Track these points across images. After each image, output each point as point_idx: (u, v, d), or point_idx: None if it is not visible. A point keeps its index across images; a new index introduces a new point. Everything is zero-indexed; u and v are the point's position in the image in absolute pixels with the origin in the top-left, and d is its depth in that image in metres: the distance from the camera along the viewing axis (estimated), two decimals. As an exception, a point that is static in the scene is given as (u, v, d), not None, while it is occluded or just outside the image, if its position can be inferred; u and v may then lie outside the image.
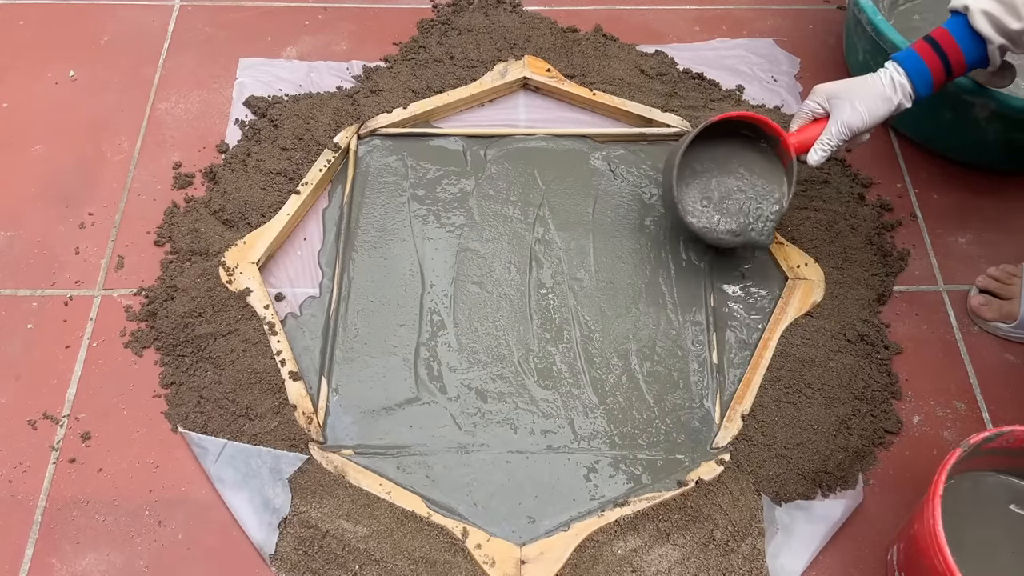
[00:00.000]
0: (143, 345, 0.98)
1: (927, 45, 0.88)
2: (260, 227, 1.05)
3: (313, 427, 0.91)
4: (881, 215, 1.10)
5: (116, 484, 0.89)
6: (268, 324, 0.97)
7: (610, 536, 0.85)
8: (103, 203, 1.10)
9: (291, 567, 0.83)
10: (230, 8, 1.33)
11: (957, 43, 0.87)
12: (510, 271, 1.04)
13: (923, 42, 0.89)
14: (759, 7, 1.36)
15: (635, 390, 0.95)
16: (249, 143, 1.14)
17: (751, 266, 1.05)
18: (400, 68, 1.23)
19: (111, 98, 1.21)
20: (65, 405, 0.94)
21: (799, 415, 0.92)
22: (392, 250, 1.05)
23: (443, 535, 0.85)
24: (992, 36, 0.85)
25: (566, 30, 1.28)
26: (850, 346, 0.98)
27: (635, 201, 1.10)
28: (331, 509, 0.86)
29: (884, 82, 0.90)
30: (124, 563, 0.84)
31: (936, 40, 0.88)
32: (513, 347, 0.98)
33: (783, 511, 0.87)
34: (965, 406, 0.96)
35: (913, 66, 0.89)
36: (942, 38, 0.88)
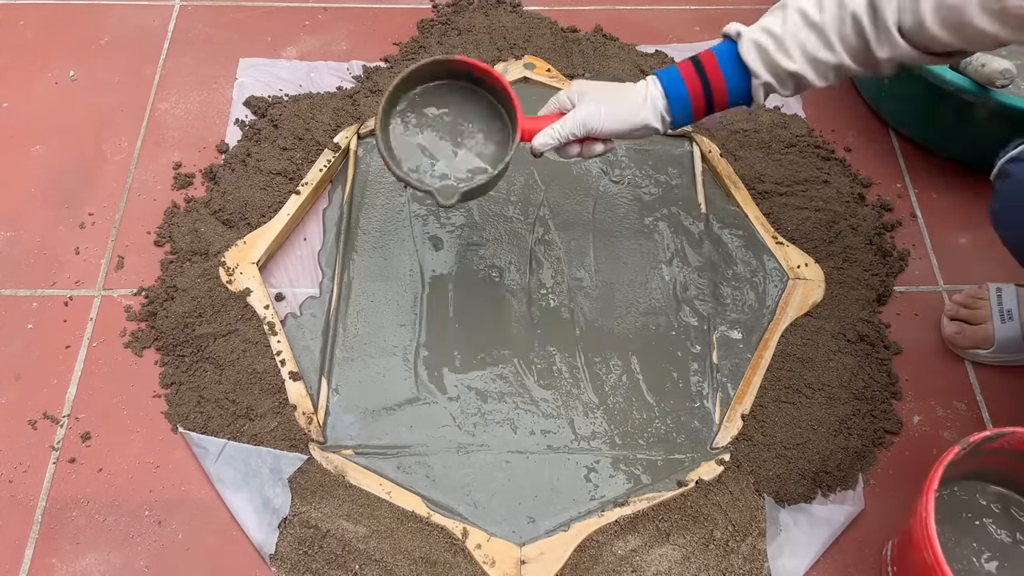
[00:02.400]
0: (143, 345, 0.98)
1: (692, 67, 0.78)
2: (260, 227, 1.05)
3: (313, 427, 0.91)
4: (881, 215, 1.10)
5: (116, 484, 0.89)
6: (268, 324, 0.97)
7: (610, 536, 0.85)
8: (103, 203, 1.10)
9: (291, 567, 0.83)
10: (230, 8, 1.33)
11: (721, 71, 0.77)
12: (510, 271, 1.04)
13: (687, 64, 0.79)
14: (759, 7, 1.35)
15: (635, 390, 0.95)
16: (249, 143, 1.14)
17: (752, 266, 1.05)
18: (400, 68, 1.23)
19: (111, 98, 1.21)
20: (65, 405, 0.94)
21: (799, 415, 0.92)
22: (392, 250, 1.05)
23: (443, 535, 0.85)
24: (759, 71, 0.75)
25: (566, 30, 1.28)
26: (850, 346, 0.98)
27: (635, 201, 1.10)
28: (331, 509, 0.85)
29: (639, 96, 0.79)
30: (124, 563, 0.84)
31: (701, 63, 0.78)
32: (513, 347, 0.98)
33: (785, 513, 0.87)
34: (965, 406, 0.96)
35: (672, 87, 0.79)
36: (708, 63, 0.77)
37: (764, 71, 0.76)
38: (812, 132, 1.18)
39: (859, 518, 0.88)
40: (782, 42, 0.75)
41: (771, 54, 0.75)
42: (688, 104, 0.79)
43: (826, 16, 0.73)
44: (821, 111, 1.22)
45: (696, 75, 0.78)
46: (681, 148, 1.15)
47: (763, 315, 1.01)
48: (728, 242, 1.07)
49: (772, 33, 0.75)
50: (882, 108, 1.20)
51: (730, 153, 1.14)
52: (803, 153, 1.15)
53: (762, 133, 1.15)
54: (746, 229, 1.08)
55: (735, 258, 1.05)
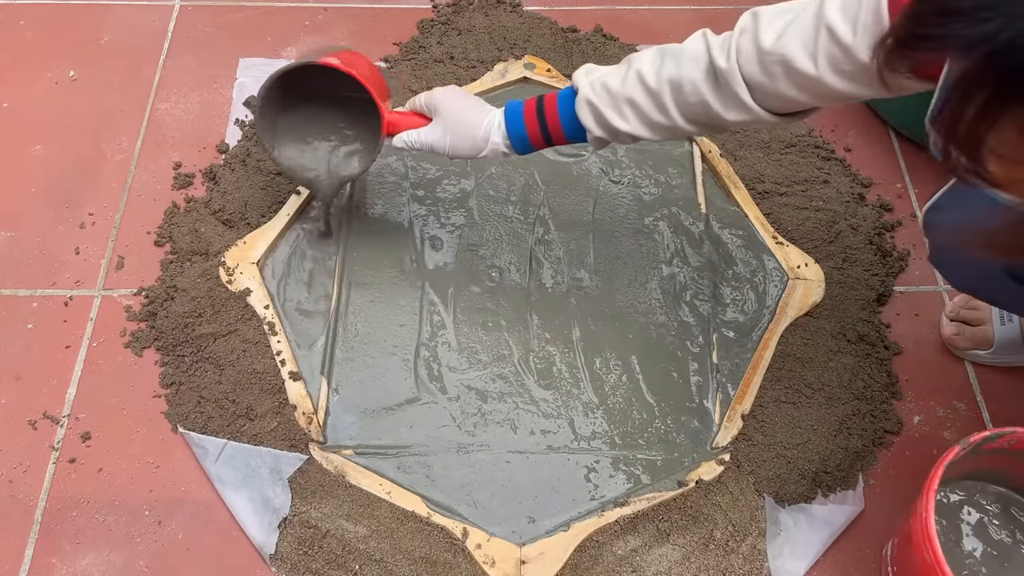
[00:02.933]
0: (143, 345, 0.98)
1: (534, 109, 0.82)
2: (260, 227, 1.05)
3: (313, 427, 0.91)
4: (881, 215, 1.10)
5: (116, 484, 0.89)
6: (268, 324, 0.97)
7: (610, 536, 0.85)
8: (103, 203, 1.10)
9: (291, 567, 0.83)
10: (230, 8, 1.33)
11: (559, 118, 0.80)
12: (510, 271, 1.04)
13: (533, 104, 0.82)
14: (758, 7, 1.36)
15: (635, 390, 0.95)
16: (249, 143, 1.14)
17: (751, 266, 1.05)
18: (400, 68, 1.23)
19: (111, 98, 1.21)
20: (65, 405, 0.94)
21: (799, 415, 0.92)
22: (392, 250, 1.05)
23: (443, 535, 0.85)
24: (591, 127, 0.78)
25: (566, 30, 1.28)
26: (850, 346, 0.98)
27: (635, 201, 1.10)
28: (331, 509, 0.85)
29: (483, 130, 0.84)
30: (124, 563, 0.84)
31: (544, 107, 0.81)
32: (513, 347, 0.98)
33: (786, 513, 0.87)
34: (965, 406, 0.96)
35: (514, 126, 0.83)
36: (549, 107, 0.81)
37: (596, 127, 0.78)
38: (812, 132, 1.18)
39: (859, 518, 0.88)
40: (616, 101, 0.76)
41: (603, 113, 0.77)
42: (527, 142, 0.84)
43: (662, 85, 0.73)
44: (821, 111, 1.21)
45: (536, 118, 0.82)
46: (681, 148, 1.15)
47: (763, 315, 1.01)
48: (728, 242, 1.07)
49: (609, 90, 0.76)
50: (882, 108, 1.20)
51: (730, 153, 1.14)
52: (803, 153, 1.15)
53: (762, 133, 1.15)
54: (746, 229, 1.08)
55: (735, 258, 1.05)
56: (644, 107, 0.75)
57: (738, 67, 0.69)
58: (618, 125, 0.76)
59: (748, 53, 0.68)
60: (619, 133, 0.77)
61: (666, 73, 0.73)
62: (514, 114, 0.83)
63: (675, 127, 0.76)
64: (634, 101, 0.75)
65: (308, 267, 1.03)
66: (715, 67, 0.70)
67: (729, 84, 0.70)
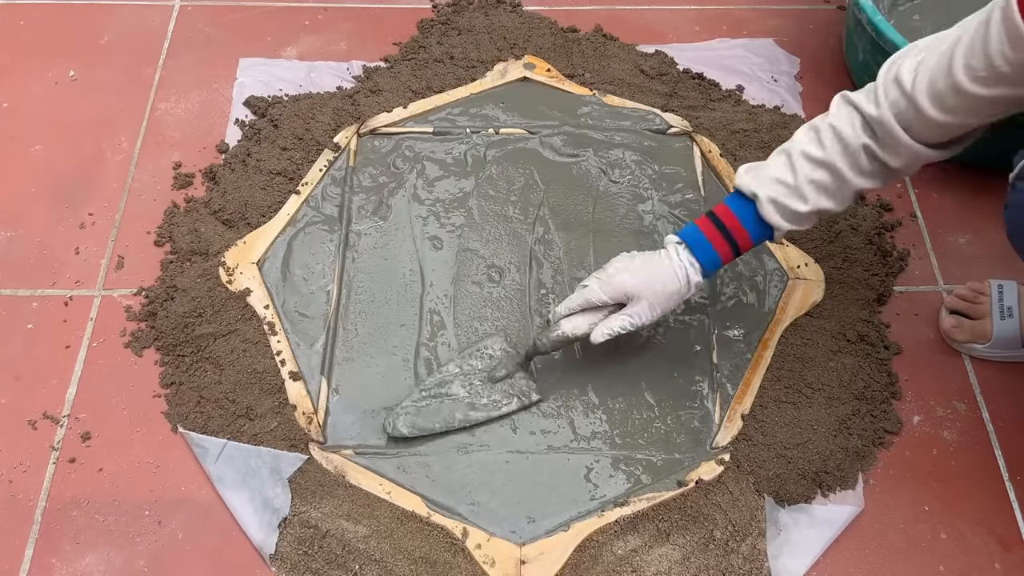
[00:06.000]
0: (143, 345, 0.97)
1: (718, 234, 0.83)
2: (260, 227, 1.05)
3: (313, 427, 0.91)
4: (881, 215, 1.10)
5: (116, 484, 0.89)
6: (268, 324, 0.97)
7: (610, 536, 0.85)
8: (103, 203, 1.10)
9: (291, 567, 0.83)
10: (230, 8, 1.33)
11: (746, 230, 0.82)
12: (510, 271, 1.03)
13: (714, 230, 0.83)
14: (759, 7, 1.36)
15: (635, 390, 0.95)
16: (249, 143, 1.14)
17: (751, 266, 1.05)
18: (400, 68, 1.23)
19: (111, 98, 1.21)
20: (65, 405, 0.94)
21: (799, 415, 0.92)
22: (392, 250, 1.05)
23: (443, 535, 0.85)
24: (780, 224, 0.80)
25: (566, 30, 1.28)
26: (850, 346, 0.98)
27: (635, 201, 1.10)
28: (331, 509, 0.85)
29: (680, 279, 0.83)
30: (124, 563, 0.84)
31: (727, 227, 0.82)
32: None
33: (786, 513, 0.87)
34: (965, 406, 0.96)
35: (705, 256, 0.83)
36: (732, 225, 0.82)
37: (784, 223, 0.80)
38: None
39: (859, 518, 0.88)
40: (796, 189, 0.79)
41: (787, 205, 0.79)
42: (719, 263, 0.84)
43: (829, 151, 0.76)
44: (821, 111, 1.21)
45: (722, 237, 0.83)
46: (681, 148, 1.15)
47: (763, 315, 1.01)
48: (728, 242, 1.07)
49: (784, 183, 0.79)
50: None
51: (730, 153, 1.14)
52: (803, 153, 1.15)
53: (762, 133, 1.15)
54: (746, 229, 1.08)
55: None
56: (823, 182, 0.78)
57: (890, 112, 0.72)
58: (800, 209, 0.79)
59: (894, 94, 0.72)
60: (802, 216, 0.80)
61: (827, 140, 0.76)
62: (700, 245, 0.83)
63: (854, 189, 0.78)
64: (812, 180, 0.78)
65: (308, 267, 1.03)
66: (867, 117, 0.74)
67: (887, 131, 0.73)
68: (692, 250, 0.84)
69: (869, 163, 0.76)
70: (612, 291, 0.85)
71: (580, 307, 0.87)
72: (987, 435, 0.94)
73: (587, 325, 0.86)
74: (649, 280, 0.84)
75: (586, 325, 0.86)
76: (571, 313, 0.87)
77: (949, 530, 0.88)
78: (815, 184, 0.78)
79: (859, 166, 0.76)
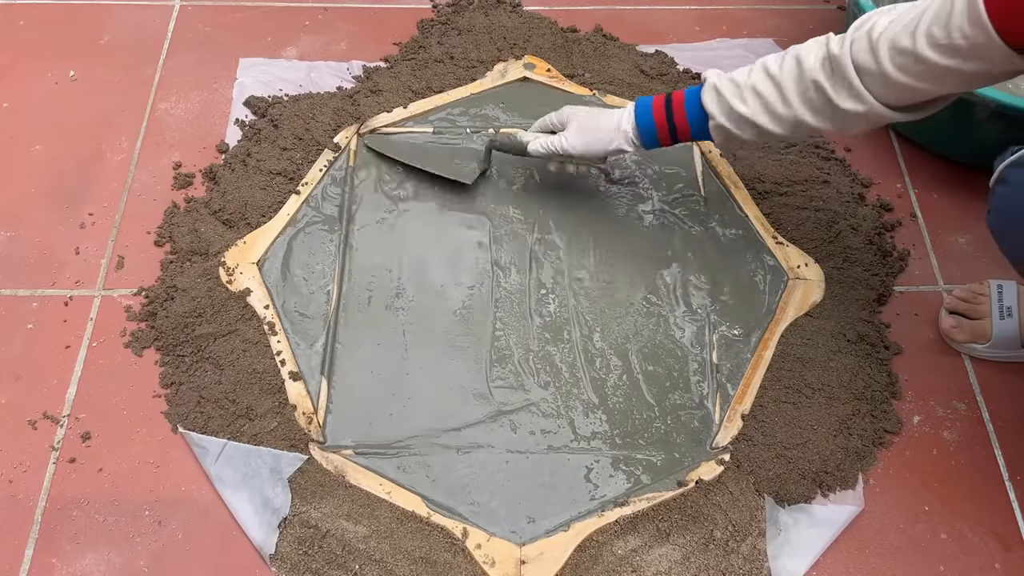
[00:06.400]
0: (143, 345, 0.97)
1: (662, 103, 0.90)
2: (260, 227, 1.05)
3: (313, 427, 0.91)
4: (881, 215, 1.10)
5: (116, 484, 0.89)
6: (268, 324, 0.97)
7: (610, 536, 0.85)
8: (103, 203, 1.10)
9: (291, 567, 0.83)
10: (230, 8, 1.33)
11: (686, 110, 0.88)
12: (510, 271, 1.04)
13: (662, 97, 0.90)
14: (759, 7, 1.37)
15: (635, 390, 0.95)
16: (249, 143, 1.14)
17: (751, 266, 1.05)
18: (400, 68, 1.23)
19: (111, 98, 1.21)
20: (65, 405, 0.94)
21: (799, 415, 0.92)
22: (392, 250, 1.05)
23: (443, 535, 0.85)
24: (715, 113, 0.84)
25: (566, 30, 1.28)
26: (850, 346, 0.98)
27: (635, 201, 1.10)
28: (331, 509, 0.86)
29: (612, 125, 0.93)
30: (124, 563, 0.84)
31: (671, 100, 0.89)
32: (513, 347, 0.98)
33: (786, 513, 0.87)
34: (965, 406, 0.96)
35: (643, 118, 0.91)
36: (676, 100, 0.89)
37: (719, 114, 0.85)
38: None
39: (859, 518, 0.88)
40: (740, 89, 0.83)
41: (727, 99, 0.83)
42: (655, 136, 0.92)
43: (784, 71, 0.80)
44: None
45: (664, 111, 0.90)
46: (681, 148, 1.15)
47: (763, 315, 1.01)
48: (728, 242, 1.07)
49: (735, 81, 0.84)
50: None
51: (730, 153, 1.14)
52: (803, 153, 1.15)
53: (762, 133, 1.15)
54: (746, 229, 1.08)
55: (735, 258, 1.05)
56: (766, 94, 0.81)
57: (850, 54, 0.75)
58: (739, 109, 0.82)
59: (860, 42, 0.74)
60: (740, 119, 0.83)
61: (788, 62, 0.80)
62: (643, 108, 0.91)
63: (795, 117, 0.81)
64: (757, 89, 0.82)
65: (308, 267, 1.03)
66: (830, 54, 0.77)
67: (841, 69, 0.75)
68: (636, 109, 0.92)
69: (819, 98, 0.78)
70: (560, 115, 0.98)
71: (539, 128, 1.02)
72: (987, 435, 0.94)
73: (531, 138, 1.01)
74: (588, 116, 0.96)
75: (531, 137, 1.01)
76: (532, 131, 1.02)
77: (949, 530, 0.88)
78: (758, 94, 0.82)
79: (807, 97, 0.79)
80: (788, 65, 0.80)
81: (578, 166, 1.04)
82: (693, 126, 0.88)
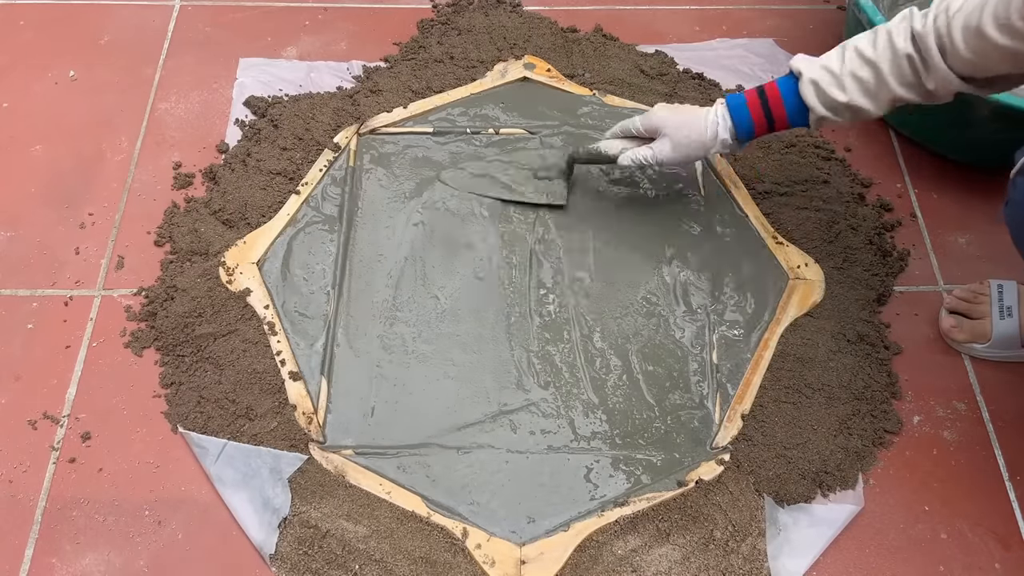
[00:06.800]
0: (143, 345, 0.98)
1: (757, 99, 0.90)
2: (260, 227, 1.05)
3: (313, 427, 0.91)
4: (881, 215, 1.10)
5: (116, 484, 0.89)
6: (268, 324, 0.97)
7: (610, 536, 0.85)
8: (103, 203, 1.10)
9: (291, 567, 0.83)
10: (230, 8, 1.33)
11: (783, 104, 0.89)
12: (510, 271, 1.03)
13: (755, 98, 0.91)
14: (759, 7, 1.37)
15: (635, 390, 0.95)
16: (249, 143, 1.14)
17: (752, 266, 1.05)
18: (400, 68, 1.23)
19: (111, 98, 1.21)
20: (65, 405, 0.94)
21: (799, 415, 0.92)
22: (392, 250, 1.05)
23: (443, 535, 0.85)
24: (816, 106, 0.86)
25: (566, 30, 1.28)
26: (850, 346, 0.98)
27: (635, 201, 1.10)
28: (331, 509, 0.86)
29: (708, 130, 0.93)
30: (124, 563, 0.84)
31: (766, 95, 0.90)
32: (513, 347, 0.98)
33: (785, 513, 0.87)
34: (965, 406, 0.96)
35: (739, 116, 0.91)
36: (772, 96, 0.89)
37: (819, 106, 0.86)
38: (812, 132, 1.18)
39: (859, 517, 0.88)
40: (838, 78, 0.84)
41: (825, 89, 0.84)
42: (752, 130, 0.92)
43: (879, 52, 0.81)
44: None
45: (760, 106, 0.90)
46: (681, 148, 1.15)
47: (763, 315, 1.01)
48: (728, 242, 1.07)
49: (830, 70, 0.84)
50: (882, 108, 1.20)
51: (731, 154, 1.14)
52: (803, 153, 1.15)
53: (762, 133, 1.15)
54: (746, 229, 1.08)
55: (735, 258, 1.05)
56: (865, 78, 0.83)
57: (933, 31, 0.77)
58: (839, 98, 0.84)
59: (940, 18, 0.76)
60: (839, 107, 0.85)
61: (880, 43, 0.81)
62: (738, 105, 0.91)
63: (893, 95, 0.82)
64: (856, 75, 0.83)
65: (308, 267, 1.03)
66: (914, 31, 0.79)
67: (926, 46, 0.77)
68: (730, 109, 0.92)
69: (912, 74, 0.80)
70: (647, 123, 0.96)
71: (620, 133, 1.00)
72: (987, 435, 0.94)
73: (619, 148, 0.99)
74: (681, 124, 0.94)
75: (618, 148, 0.99)
76: (612, 138, 1.01)
77: (949, 530, 0.88)
78: (857, 79, 0.83)
79: (902, 74, 0.81)
80: (881, 45, 0.81)
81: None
82: (792, 120, 0.89)
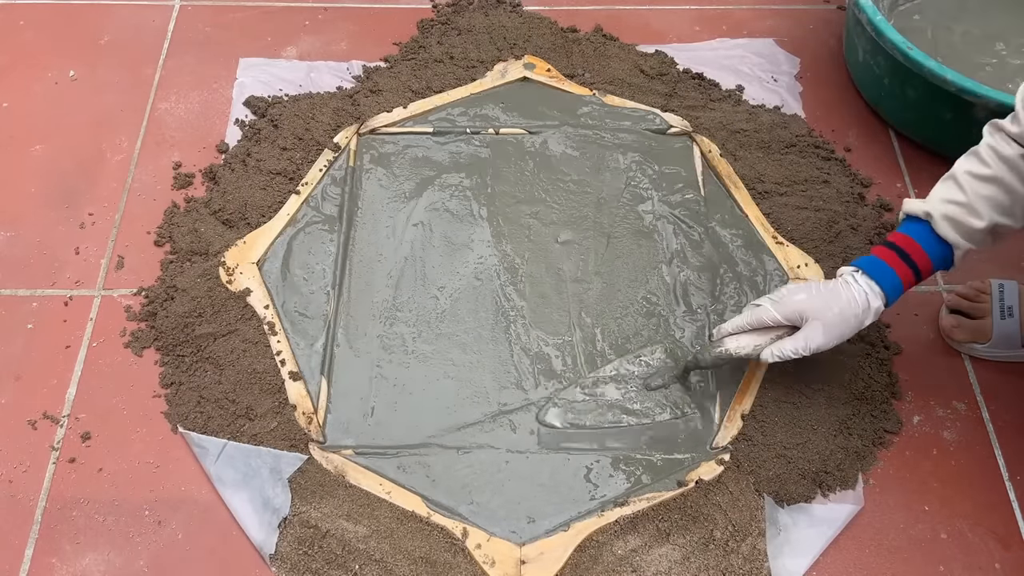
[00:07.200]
0: (143, 345, 0.98)
1: (897, 257, 0.84)
2: (260, 227, 1.05)
3: (313, 427, 0.91)
4: (881, 215, 1.10)
5: (116, 484, 0.89)
6: (268, 324, 0.97)
7: (610, 536, 0.85)
8: (103, 203, 1.10)
9: (291, 567, 0.83)
10: (230, 8, 1.33)
11: (925, 251, 0.83)
12: (510, 271, 1.03)
13: (891, 253, 0.84)
14: (759, 7, 1.37)
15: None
16: (249, 143, 1.14)
17: (752, 266, 1.05)
18: (400, 68, 1.23)
19: (111, 98, 1.21)
20: (65, 405, 0.94)
21: (799, 415, 0.92)
22: (392, 250, 1.05)
23: (443, 535, 0.85)
24: (958, 241, 0.81)
25: (566, 30, 1.28)
26: (850, 346, 0.98)
27: (635, 201, 1.10)
28: (331, 509, 0.86)
29: (859, 302, 0.83)
30: (124, 563, 0.84)
31: (904, 250, 0.84)
32: (513, 347, 0.98)
33: (785, 513, 0.87)
34: (965, 406, 0.96)
35: (890, 284, 0.84)
36: (909, 247, 0.83)
37: (962, 240, 0.81)
38: (812, 132, 1.18)
39: (859, 517, 0.88)
40: (968, 206, 0.80)
41: (962, 221, 0.80)
42: (902, 290, 0.84)
43: (993, 167, 0.79)
44: (821, 111, 1.22)
45: (904, 264, 0.84)
46: (681, 148, 1.15)
47: (763, 315, 1.01)
48: (728, 242, 1.07)
49: (956, 202, 0.81)
50: (882, 108, 1.20)
51: (730, 153, 1.14)
52: (803, 153, 1.15)
53: (762, 133, 1.15)
54: (746, 229, 1.08)
55: (735, 258, 1.05)
56: (994, 197, 0.80)
57: None
58: (976, 224, 0.80)
59: None
60: (980, 235, 0.81)
61: (988, 159, 0.80)
62: (883, 273, 0.84)
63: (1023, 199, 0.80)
64: (984, 196, 0.80)
65: (308, 267, 1.03)
66: (1013, 135, 0.78)
67: None
68: (870, 275, 0.84)
69: None
70: (786, 311, 0.85)
71: (748, 327, 0.87)
72: (987, 435, 0.94)
73: (752, 346, 0.87)
74: (827, 303, 0.83)
75: (751, 345, 0.87)
76: (737, 332, 0.88)
77: (949, 530, 0.88)
78: (987, 199, 0.80)
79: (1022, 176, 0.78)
80: (991, 160, 0.79)
81: None
82: (936, 263, 0.84)
